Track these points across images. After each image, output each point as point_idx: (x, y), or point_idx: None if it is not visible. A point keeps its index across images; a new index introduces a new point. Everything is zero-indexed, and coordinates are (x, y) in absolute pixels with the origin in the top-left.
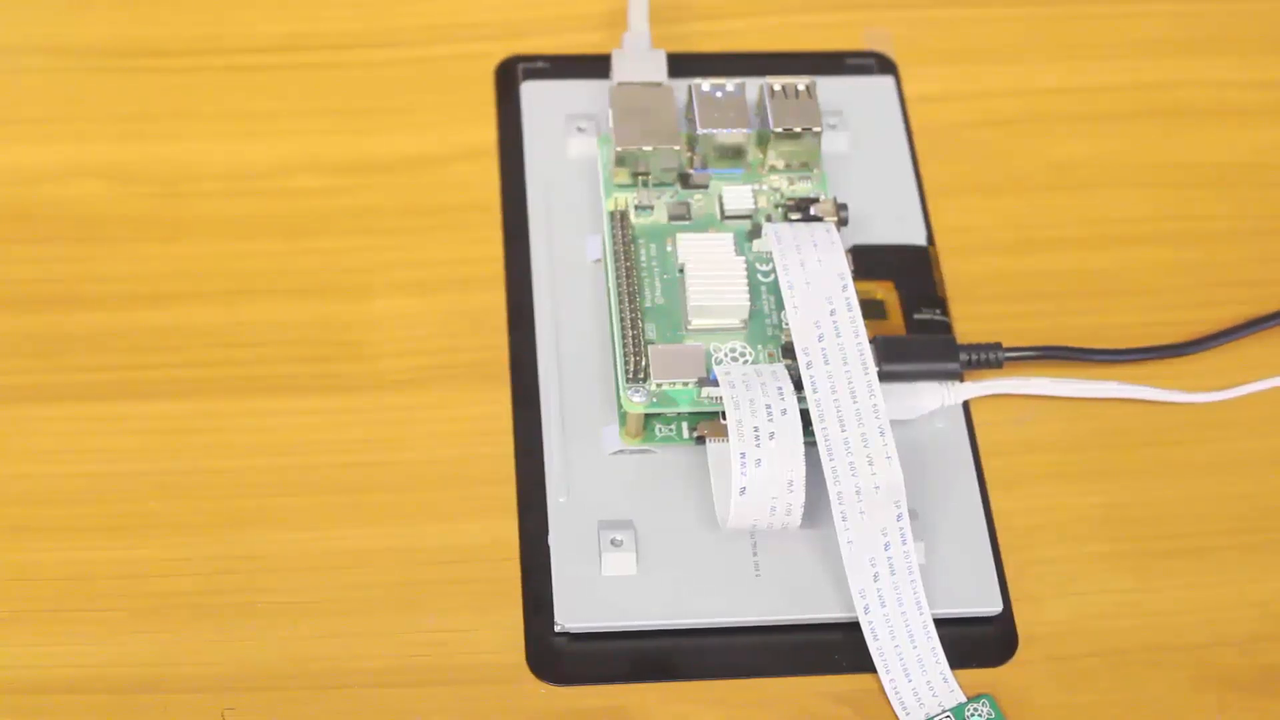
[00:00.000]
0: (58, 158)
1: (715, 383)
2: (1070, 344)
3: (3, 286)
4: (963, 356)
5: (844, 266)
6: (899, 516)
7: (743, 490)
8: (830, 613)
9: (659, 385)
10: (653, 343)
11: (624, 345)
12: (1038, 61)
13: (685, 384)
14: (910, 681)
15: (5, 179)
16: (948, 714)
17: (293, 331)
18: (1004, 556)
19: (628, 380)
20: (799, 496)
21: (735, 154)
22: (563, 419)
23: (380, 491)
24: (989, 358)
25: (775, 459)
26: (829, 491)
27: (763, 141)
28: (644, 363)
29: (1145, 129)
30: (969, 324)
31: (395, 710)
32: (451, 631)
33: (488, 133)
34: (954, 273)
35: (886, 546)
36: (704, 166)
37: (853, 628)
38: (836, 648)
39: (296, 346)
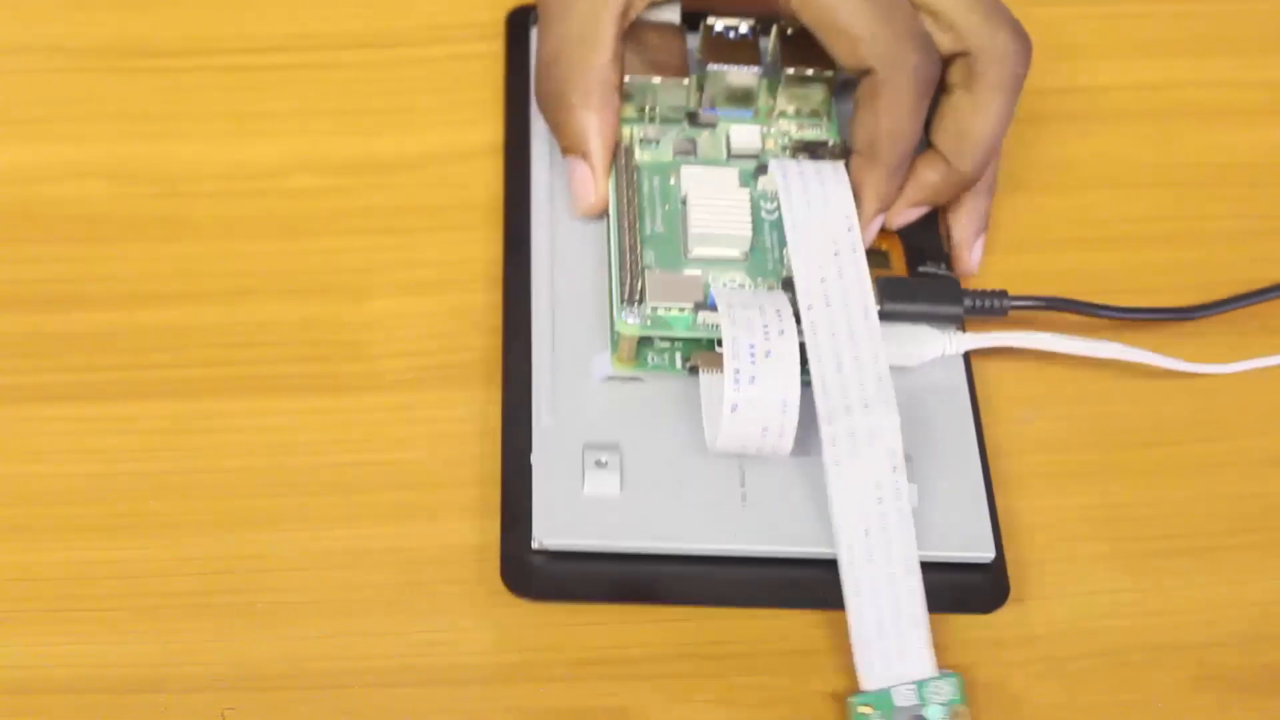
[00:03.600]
0: (58, 158)
1: (713, 308)
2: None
3: (3, 286)
4: (966, 301)
5: (850, 207)
6: (894, 468)
7: (734, 407)
8: (816, 547)
9: (654, 309)
10: (650, 268)
11: (621, 268)
12: (1038, 61)
13: (681, 309)
14: (881, 641)
15: (5, 179)
16: (910, 686)
17: (292, 331)
18: (1004, 556)
19: (623, 301)
20: (791, 419)
21: (744, 96)
22: (554, 344)
23: (380, 491)
24: (994, 304)
25: (770, 378)
26: (821, 435)
27: (773, 87)
28: (640, 285)
29: (1145, 129)
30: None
31: (395, 710)
32: (451, 631)
33: (488, 132)
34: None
35: (880, 500)
36: (712, 107)
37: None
38: (819, 584)
39: (296, 346)
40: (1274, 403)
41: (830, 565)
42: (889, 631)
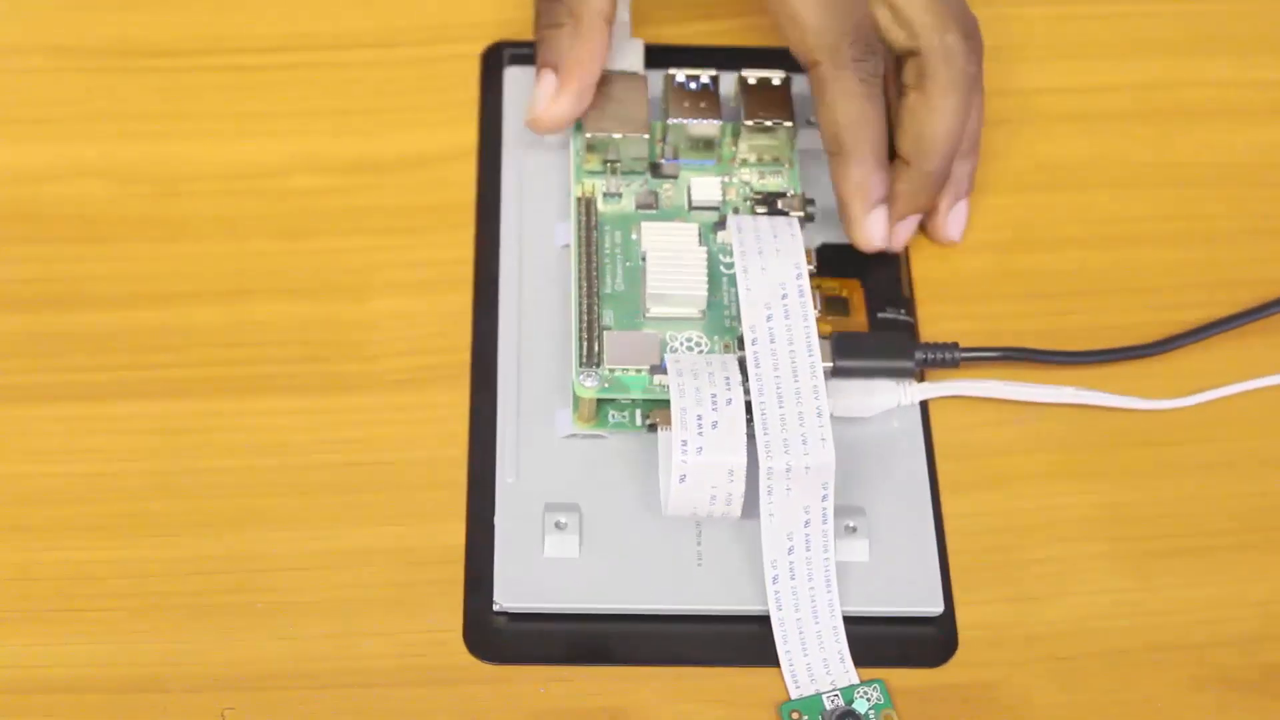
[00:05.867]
0: (58, 158)
1: (665, 371)
2: (1050, 344)
3: (3, 286)
4: (918, 355)
5: (801, 257)
6: (824, 497)
7: (683, 478)
8: (768, 606)
9: (611, 371)
10: (609, 329)
11: (579, 329)
12: (1038, 61)
13: (638, 370)
14: (806, 656)
15: (5, 179)
16: (836, 693)
17: (292, 331)
18: (1002, 556)
19: (581, 364)
20: (739, 487)
21: (706, 146)
22: (519, 401)
23: (380, 491)
24: (945, 357)
25: (716, 447)
26: (760, 466)
27: (735, 134)
28: (598, 348)
29: (1145, 129)
30: (967, 323)
31: (395, 710)
32: (451, 631)
33: None
34: (953, 272)
35: (806, 523)
36: (674, 157)
37: None
38: (771, 640)
39: (296, 346)
40: (1273, 403)
41: None
42: (811, 643)
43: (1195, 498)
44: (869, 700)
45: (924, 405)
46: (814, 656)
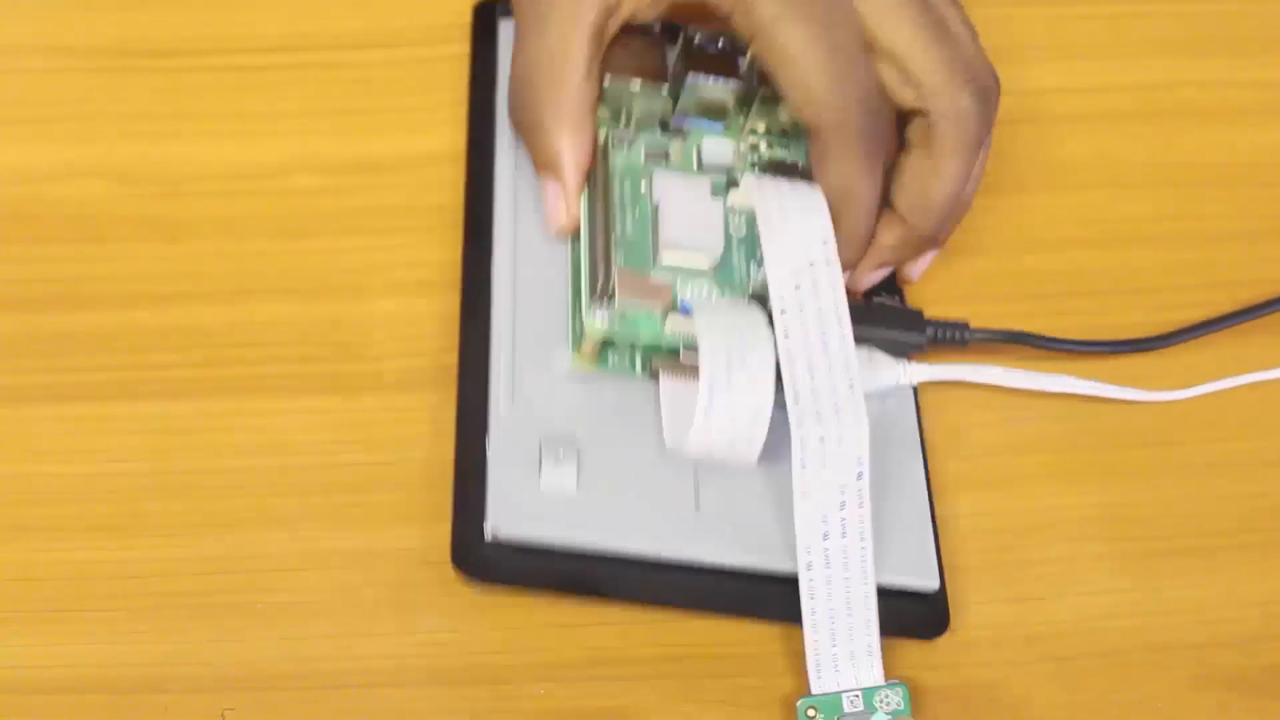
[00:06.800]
0: (58, 158)
1: (685, 313)
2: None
3: (3, 286)
4: (929, 331)
5: (826, 221)
6: (859, 475)
7: (707, 414)
8: (767, 561)
9: (623, 311)
10: (621, 268)
11: (592, 265)
12: (1038, 61)
13: (650, 312)
14: (835, 648)
15: (5, 179)
16: (857, 693)
17: (292, 331)
18: (1003, 556)
19: (593, 297)
20: (761, 429)
21: (718, 109)
22: (514, 336)
23: (380, 492)
24: (956, 335)
25: (744, 388)
26: (793, 437)
27: (747, 102)
28: (610, 283)
29: (1145, 129)
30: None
31: (395, 710)
32: (450, 632)
33: None
34: (953, 272)
35: (842, 506)
36: (685, 116)
37: (781, 581)
38: (768, 597)
39: (296, 346)
40: (1273, 403)
41: (780, 580)
42: (841, 637)
43: (1195, 498)
44: (888, 705)
45: (916, 395)
46: (842, 649)
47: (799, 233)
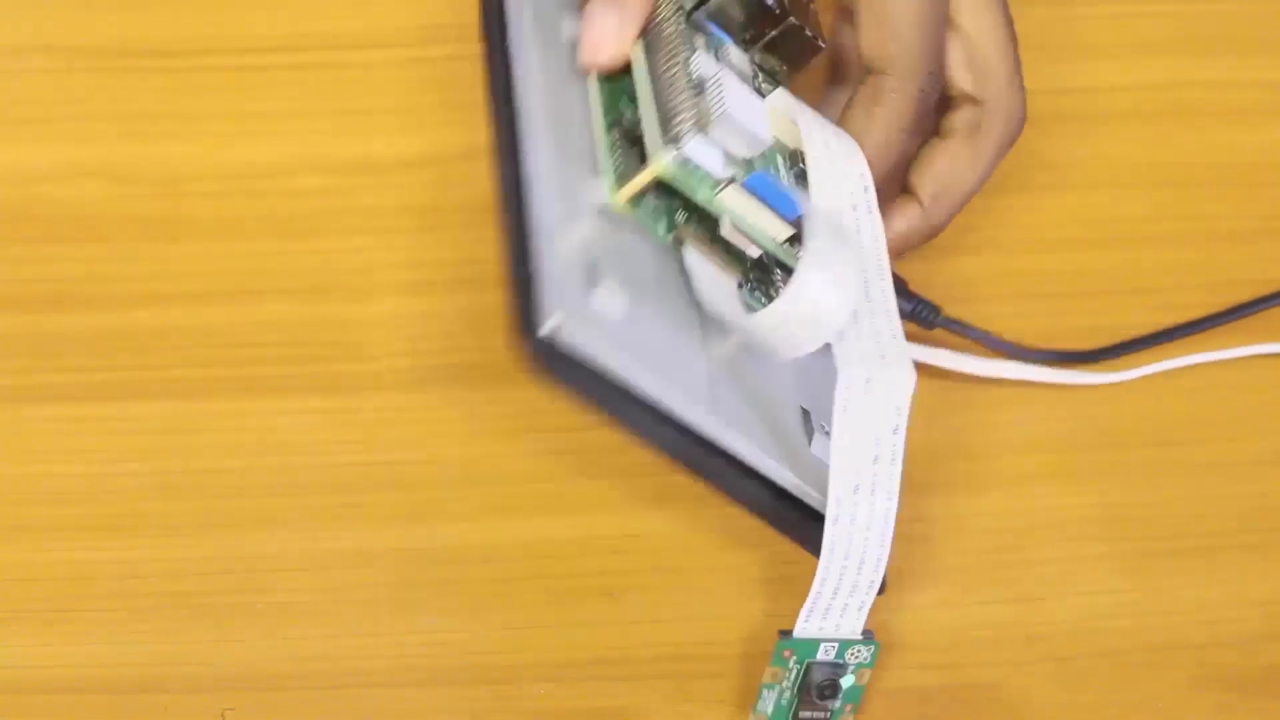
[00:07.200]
0: (58, 158)
1: (742, 189)
2: (1051, 344)
3: (3, 286)
4: (902, 303)
5: (864, 167)
6: (895, 429)
7: (801, 287)
8: (801, 491)
9: (698, 154)
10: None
11: (661, 102)
12: (1039, 61)
13: (712, 173)
14: (834, 599)
15: (5, 179)
16: (834, 644)
17: (293, 331)
18: (1003, 556)
19: (664, 135)
20: (838, 319)
21: (734, 26)
22: (547, 167)
23: (380, 491)
24: (924, 315)
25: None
26: (839, 376)
27: (759, 36)
28: (697, 122)
29: (1145, 129)
30: None
31: (395, 710)
32: (450, 632)
33: (488, 132)
34: (954, 272)
35: (875, 459)
36: (707, 18)
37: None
38: (781, 514)
39: (296, 346)
40: (1274, 404)
41: (798, 504)
42: (844, 591)
43: (1195, 498)
44: (857, 658)
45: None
46: (840, 601)
47: (844, 173)
